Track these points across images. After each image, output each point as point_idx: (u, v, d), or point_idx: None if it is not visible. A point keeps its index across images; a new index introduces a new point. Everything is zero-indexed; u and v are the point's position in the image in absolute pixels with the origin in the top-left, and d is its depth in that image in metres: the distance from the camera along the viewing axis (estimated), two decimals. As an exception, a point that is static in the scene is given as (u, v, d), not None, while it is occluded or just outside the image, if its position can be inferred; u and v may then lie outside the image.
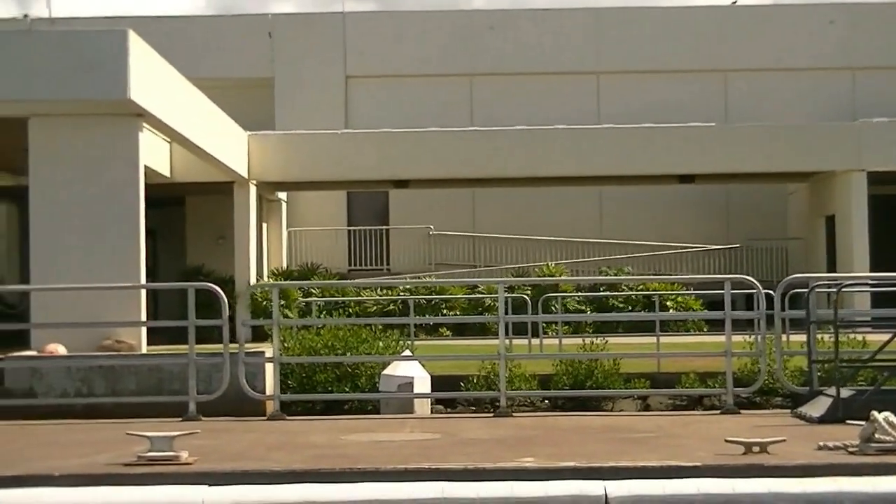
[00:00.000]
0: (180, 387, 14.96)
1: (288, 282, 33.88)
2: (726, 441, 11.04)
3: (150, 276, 42.47)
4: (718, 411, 15.01)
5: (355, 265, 42.19)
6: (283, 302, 33.75)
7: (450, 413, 21.96)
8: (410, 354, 18.49)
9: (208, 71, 40.86)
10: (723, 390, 15.49)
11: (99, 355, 24.05)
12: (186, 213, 41.73)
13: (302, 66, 44.05)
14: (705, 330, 33.66)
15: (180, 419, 14.28)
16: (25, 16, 45.19)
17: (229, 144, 33.72)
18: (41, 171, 25.18)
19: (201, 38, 43.64)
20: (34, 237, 25.22)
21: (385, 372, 17.19)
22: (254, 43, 43.97)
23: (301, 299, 32.03)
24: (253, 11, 45.19)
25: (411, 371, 16.55)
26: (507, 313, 21.41)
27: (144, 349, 25.45)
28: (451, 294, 35.50)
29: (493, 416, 14.25)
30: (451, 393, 18.19)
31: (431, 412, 17.40)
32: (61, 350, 24.36)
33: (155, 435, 10.98)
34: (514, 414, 14.55)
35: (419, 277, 38.71)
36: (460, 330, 33.66)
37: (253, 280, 36.10)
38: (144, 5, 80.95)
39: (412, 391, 16.28)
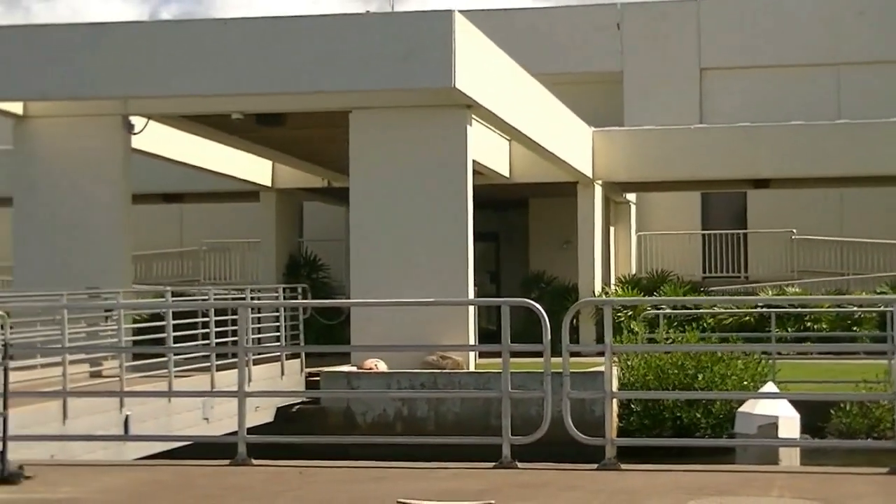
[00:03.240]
0: (511, 410, 11.92)
1: (619, 298, 30.91)
2: None
3: (494, 281, 40.80)
4: None
5: (710, 272, 38.95)
6: (629, 312, 30.93)
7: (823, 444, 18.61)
8: (774, 388, 15.20)
9: (550, 65, 38.24)
10: None
11: (421, 372, 21.86)
12: (529, 216, 39.50)
13: (653, 58, 41.04)
14: None
15: (492, 465, 11.56)
16: (367, 12, 43.73)
17: (572, 141, 31.20)
18: (361, 168, 23.28)
19: (543, 31, 41.16)
20: (354, 240, 23.38)
21: (742, 409, 14.04)
22: (601, 35, 41.23)
23: (650, 309, 29.02)
24: (600, 2, 42.09)
25: (775, 409, 13.33)
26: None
27: (472, 366, 23.05)
28: (816, 306, 31.85)
29: (888, 474, 10.99)
30: (827, 442, 14.71)
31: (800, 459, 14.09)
32: (381, 366, 22.28)
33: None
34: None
35: (779, 286, 35.19)
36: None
37: (598, 288, 33.60)
38: None
39: (776, 435, 13.06)
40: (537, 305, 12.07)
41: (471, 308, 23.39)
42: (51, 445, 14.51)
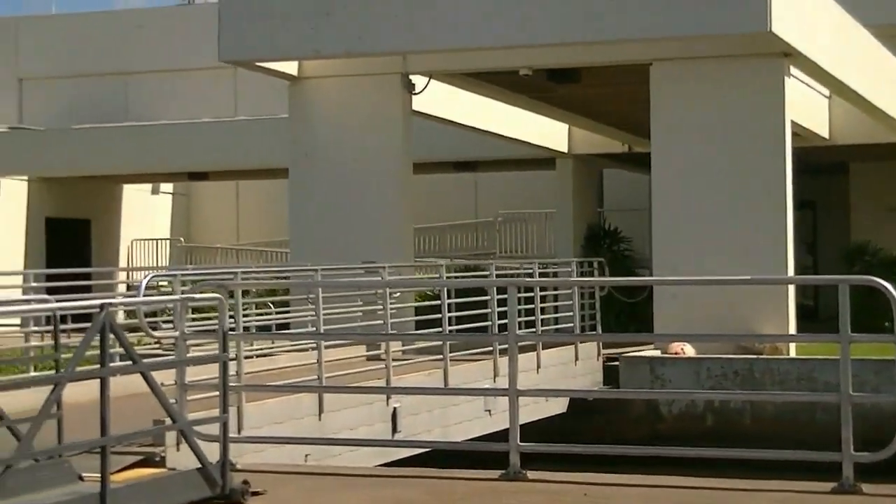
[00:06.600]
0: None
1: None
2: None
3: (811, 252, 37.74)
4: None
5: None
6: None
7: None
8: None
9: (878, 15, 34.48)
10: None
11: (734, 358, 19.30)
12: (850, 181, 36.26)
13: None
14: None
15: (830, 489, 8.99)
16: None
17: (902, 97, 27.90)
18: (663, 128, 20.88)
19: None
20: (656, 209, 21.02)
21: None
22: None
23: None
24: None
25: None
26: None
27: (794, 351, 20.30)
28: None
29: None
30: None
31: None
32: (688, 350, 19.78)
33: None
34: None
35: None
36: None
37: (933, 262, 30.28)
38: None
39: None
40: (886, 284, 9.41)
41: (790, 288, 20.66)
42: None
